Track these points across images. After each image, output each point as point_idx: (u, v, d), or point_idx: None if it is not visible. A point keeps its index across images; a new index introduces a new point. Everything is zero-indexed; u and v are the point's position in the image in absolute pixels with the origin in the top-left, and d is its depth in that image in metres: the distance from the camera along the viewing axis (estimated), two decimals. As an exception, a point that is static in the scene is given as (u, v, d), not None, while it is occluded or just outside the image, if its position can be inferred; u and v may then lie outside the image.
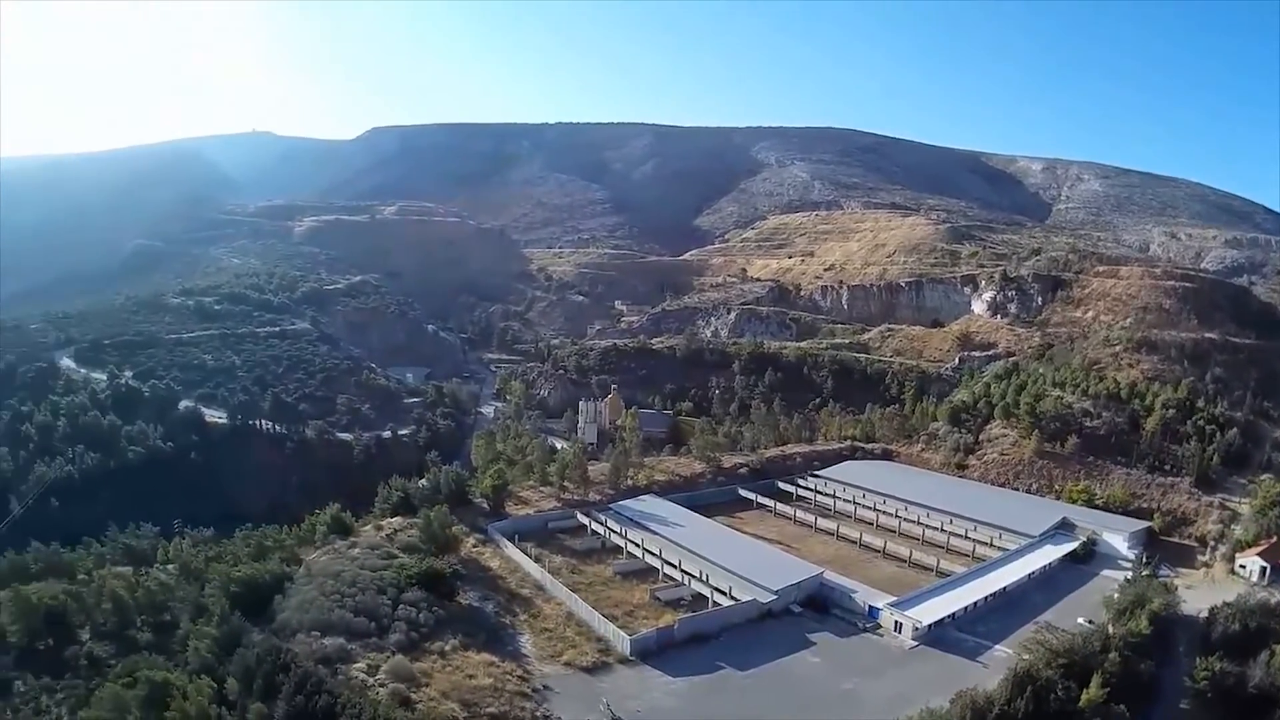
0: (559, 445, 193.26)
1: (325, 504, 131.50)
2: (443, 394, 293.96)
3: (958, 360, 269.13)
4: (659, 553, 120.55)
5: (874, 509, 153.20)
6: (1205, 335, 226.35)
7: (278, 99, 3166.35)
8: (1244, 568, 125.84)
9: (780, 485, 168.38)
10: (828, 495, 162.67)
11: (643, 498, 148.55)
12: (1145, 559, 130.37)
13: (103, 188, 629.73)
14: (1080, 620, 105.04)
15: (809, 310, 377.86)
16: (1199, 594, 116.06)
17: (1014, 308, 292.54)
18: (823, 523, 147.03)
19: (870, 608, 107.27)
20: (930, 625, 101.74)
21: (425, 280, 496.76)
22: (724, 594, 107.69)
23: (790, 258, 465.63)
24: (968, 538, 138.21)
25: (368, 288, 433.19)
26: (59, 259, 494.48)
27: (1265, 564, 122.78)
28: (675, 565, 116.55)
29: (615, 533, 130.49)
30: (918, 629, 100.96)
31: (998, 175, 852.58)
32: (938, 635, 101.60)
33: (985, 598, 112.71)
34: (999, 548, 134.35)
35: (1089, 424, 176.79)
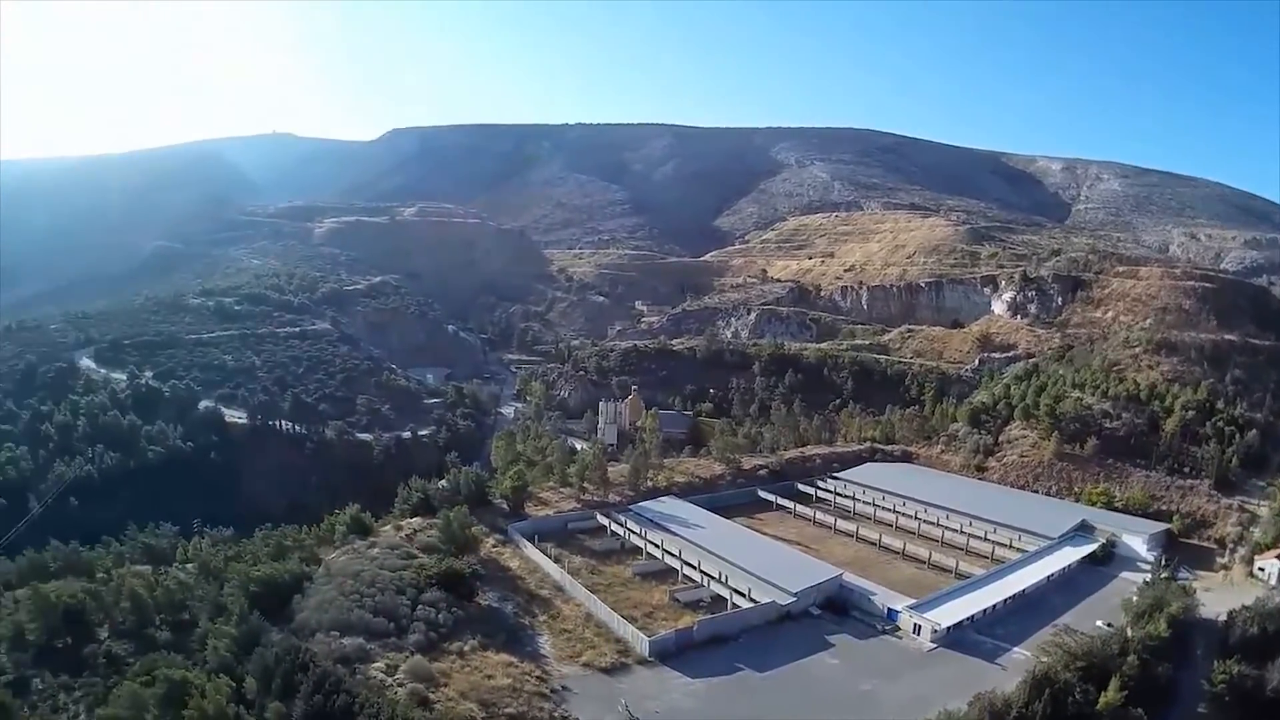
0: (579, 446, 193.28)
1: (345, 504, 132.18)
2: (463, 395, 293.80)
3: (978, 361, 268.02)
4: (678, 554, 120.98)
5: (893, 511, 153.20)
6: (1225, 336, 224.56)
7: (298, 101, 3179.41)
8: (1263, 570, 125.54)
9: (800, 487, 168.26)
10: (847, 497, 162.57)
11: (662, 499, 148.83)
12: (1164, 561, 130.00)
13: (122, 189, 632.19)
14: (1099, 623, 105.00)
15: (829, 311, 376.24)
16: (1218, 597, 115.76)
17: (1034, 308, 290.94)
18: (842, 524, 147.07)
19: (889, 610, 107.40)
20: (949, 627, 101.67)
21: (445, 281, 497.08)
22: (743, 595, 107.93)
23: (810, 258, 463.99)
24: (987, 540, 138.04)
25: (388, 288, 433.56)
26: (79, 260, 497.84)
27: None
28: (694, 566, 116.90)
29: (635, 534, 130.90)
30: (936, 631, 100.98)
31: (1017, 175, 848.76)
32: (956, 637, 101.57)
33: (1004, 600, 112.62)
34: (1018, 550, 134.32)
35: (1108, 425, 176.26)
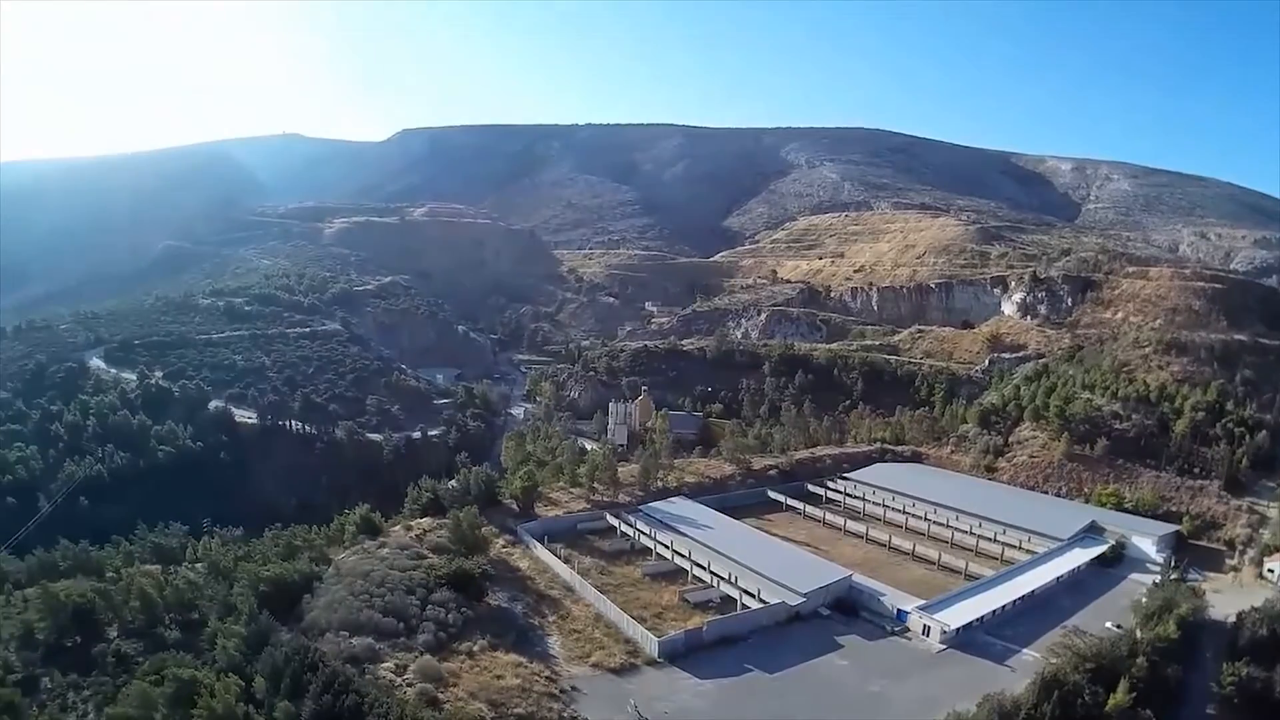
0: (589, 447, 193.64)
1: (355, 504, 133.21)
2: (473, 395, 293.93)
3: (987, 362, 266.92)
4: (688, 554, 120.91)
5: (903, 511, 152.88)
6: (1235, 337, 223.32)
7: (308, 102, 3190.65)
8: (1272, 572, 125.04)
9: (810, 488, 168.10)
10: (857, 498, 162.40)
11: (672, 499, 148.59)
12: (1174, 563, 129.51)
13: (132, 190, 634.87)
14: (1108, 624, 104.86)
15: (839, 312, 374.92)
16: (1227, 598, 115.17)
17: (1044, 309, 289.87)
18: (852, 525, 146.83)
19: (899, 610, 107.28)
20: (958, 628, 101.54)
21: (455, 281, 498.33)
22: (753, 596, 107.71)
23: (820, 259, 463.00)
24: (996, 541, 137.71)
25: (398, 289, 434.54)
26: (88, 260, 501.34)
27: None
28: (704, 567, 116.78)
29: (644, 534, 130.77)
30: (946, 632, 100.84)
31: (1027, 175, 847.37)
32: (966, 638, 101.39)
33: (1013, 601, 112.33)
34: (1028, 551, 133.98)
35: (1118, 426, 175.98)
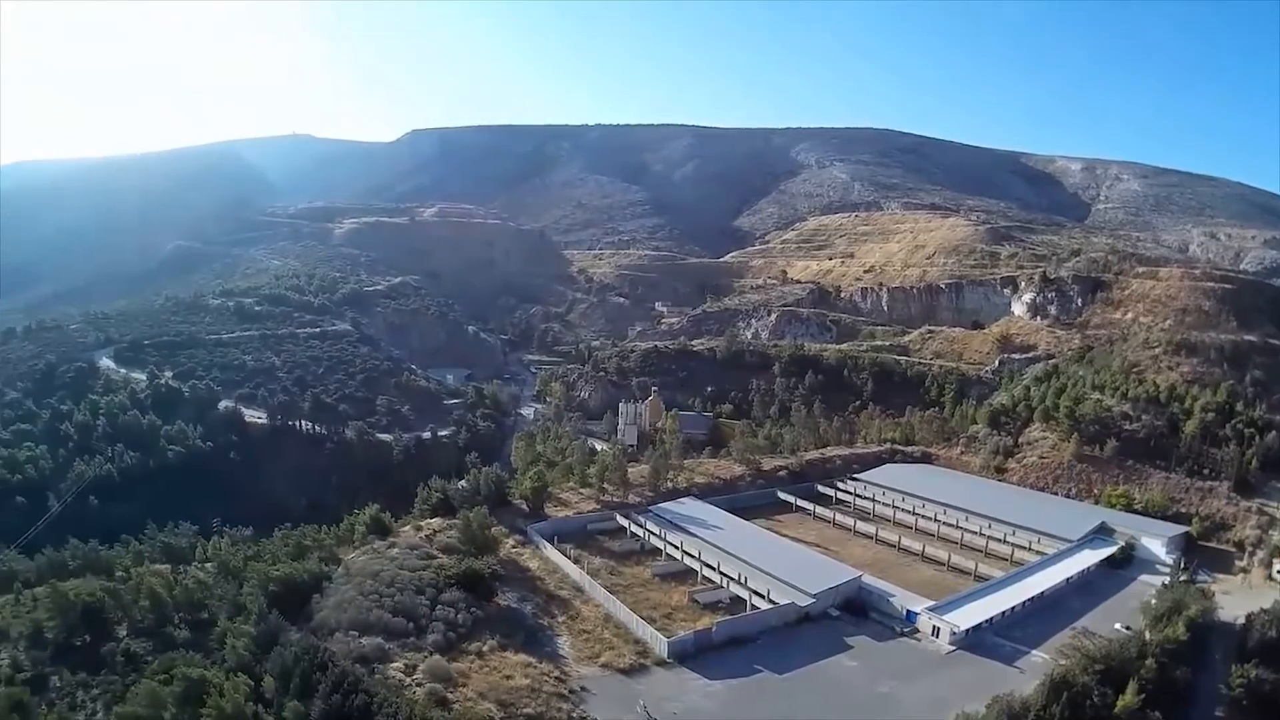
0: (599, 447, 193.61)
1: (364, 504, 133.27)
2: (483, 395, 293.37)
3: (997, 362, 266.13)
4: (698, 555, 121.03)
5: (913, 512, 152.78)
6: (1245, 337, 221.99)
7: (318, 102, 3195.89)
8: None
9: (820, 488, 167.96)
10: (867, 498, 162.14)
11: (682, 500, 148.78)
12: (1183, 564, 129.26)
13: (142, 190, 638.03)
14: (1117, 626, 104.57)
15: (849, 312, 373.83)
16: (1236, 600, 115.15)
17: (1054, 309, 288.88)
18: (861, 526, 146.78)
19: (908, 611, 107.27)
20: (968, 630, 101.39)
21: (465, 282, 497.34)
22: (762, 597, 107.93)
23: (830, 259, 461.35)
24: (1006, 541, 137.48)
25: (408, 289, 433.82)
26: (98, 260, 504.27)
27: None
28: (714, 568, 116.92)
29: (654, 535, 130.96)
30: (955, 633, 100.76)
31: (1037, 175, 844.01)
32: (975, 640, 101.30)
33: (1023, 602, 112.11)
34: (1037, 552, 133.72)
35: (1128, 427, 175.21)
